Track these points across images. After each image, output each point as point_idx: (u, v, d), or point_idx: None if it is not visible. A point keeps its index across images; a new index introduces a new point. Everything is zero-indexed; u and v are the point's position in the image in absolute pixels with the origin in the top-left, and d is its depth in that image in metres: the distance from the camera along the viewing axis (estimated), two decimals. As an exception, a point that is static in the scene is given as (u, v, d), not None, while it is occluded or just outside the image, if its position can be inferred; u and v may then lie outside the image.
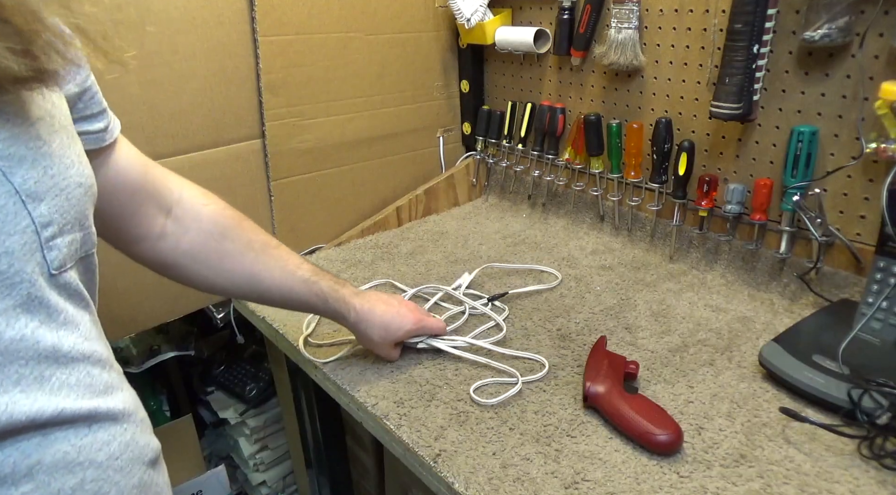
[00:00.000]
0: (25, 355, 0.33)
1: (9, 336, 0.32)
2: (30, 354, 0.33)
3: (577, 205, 1.17)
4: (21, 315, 0.33)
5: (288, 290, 0.68)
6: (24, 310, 0.33)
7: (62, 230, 0.36)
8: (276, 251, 0.68)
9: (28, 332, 0.33)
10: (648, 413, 0.64)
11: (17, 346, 0.32)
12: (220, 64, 0.95)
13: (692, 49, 0.94)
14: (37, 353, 0.33)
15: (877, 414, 0.61)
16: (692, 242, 1.00)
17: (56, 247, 0.36)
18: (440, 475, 0.62)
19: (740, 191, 0.91)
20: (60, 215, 0.36)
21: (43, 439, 0.33)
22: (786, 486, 0.57)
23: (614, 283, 0.97)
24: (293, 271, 0.68)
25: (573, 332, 0.84)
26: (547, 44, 1.15)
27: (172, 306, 1.01)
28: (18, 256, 0.32)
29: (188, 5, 0.89)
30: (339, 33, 1.08)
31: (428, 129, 1.30)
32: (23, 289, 0.33)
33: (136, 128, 0.90)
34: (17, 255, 0.32)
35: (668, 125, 0.97)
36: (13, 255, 0.32)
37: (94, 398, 0.37)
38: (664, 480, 0.59)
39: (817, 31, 0.77)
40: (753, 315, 0.86)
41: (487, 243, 1.14)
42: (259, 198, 1.06)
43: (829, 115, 0.82)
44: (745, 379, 0.73)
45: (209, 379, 1.30)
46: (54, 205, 0.35)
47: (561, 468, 0.61)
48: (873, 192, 0.80)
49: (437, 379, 0.75)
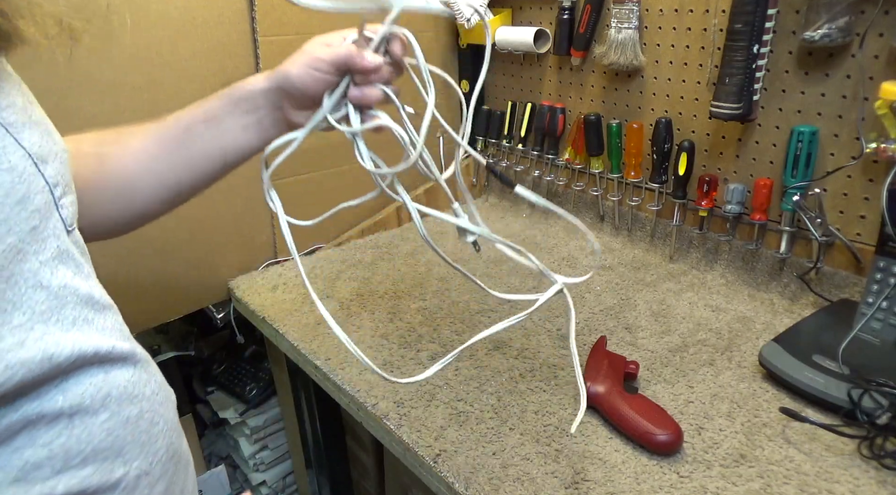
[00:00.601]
0: (73, 300, 0.36)
1: (56, 283, 0.35)
2: (75, 300, 0.36)
3: (577, 205, 1.17)
4: (59, 265, 0.35)
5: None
6: (60, 262, 0.36)
7: (66, 191, 0.39)
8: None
9: (68, 281, 0.36)
10: (648, 413, 0.64)
11: (64, 292, 0.35)
12: (220, 64, 0.95)
13: (692, 49, 0.94)
14: (80, 299, 0.36)
15: (877, 414, 0.61)
16: (692, 242, 1.00)
17: (65, 206, 0.38)
18: (440, 475, 0.62)
19: (740, 191, 0.91)
20: (62, 176, 0.39)
21: (106, 375, 0.37)
22: (786, 486, 0.57)
23: (614, 283, 0.97)
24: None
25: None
26: (547, 44, 1.15)
27: (172, 306, 1.01)
28: (45, 214, 0.35)
29: (188, 5, 0.89)
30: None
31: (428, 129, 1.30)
32: (53, 243, 0.35)
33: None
34: (43, 213, 0.35)
35: (668, 125, 0.97)
36: (41, 213, 0.35)
37: (128, 341, 0.40)
38: (664, 480, 0.59)
39: (817, 31, 0.77)
40: (753, 315, 0.86)
41: (487, 243, 1.14)
42: (259, 199, 1.06)
43: (829, 115, 0.82)
44: (745, 380, 0.73)
45: (209, 379, 1.30)
46: (55, 167, 0.38)
47: (561, 468, 0.61)
48: (873, 192, 0.80)
49: (437, 379, 0.75)
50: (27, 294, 0.32)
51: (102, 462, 0.35)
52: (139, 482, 0.38)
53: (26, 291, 0.32)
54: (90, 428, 0.35)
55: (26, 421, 0.32)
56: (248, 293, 1.00)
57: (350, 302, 0.95)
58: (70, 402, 0.34)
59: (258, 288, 1.01)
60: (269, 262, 1.09)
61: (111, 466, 0.36)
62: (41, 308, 0.33)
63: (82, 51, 0.81)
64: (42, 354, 0.32)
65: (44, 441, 0.33)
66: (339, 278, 1.02)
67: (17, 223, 0.32)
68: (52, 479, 0.33)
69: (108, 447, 0.36)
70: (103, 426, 0.36)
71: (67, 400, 0.34)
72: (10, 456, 0.31)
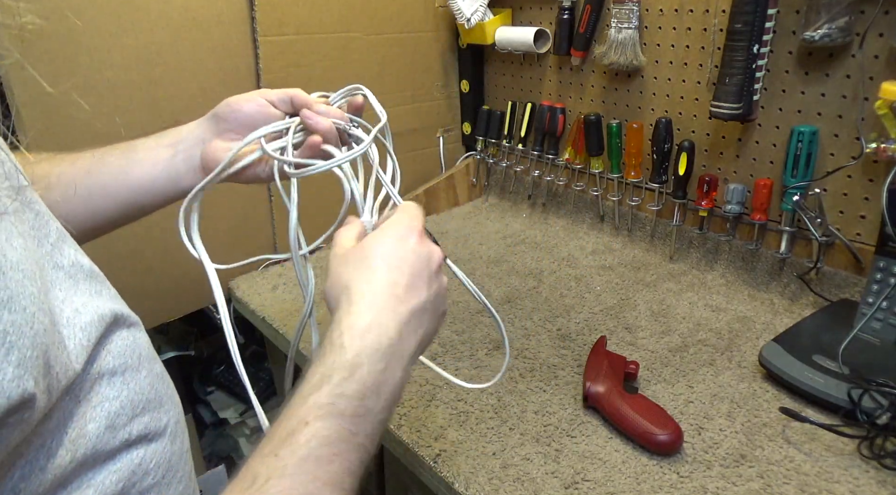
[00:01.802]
0: (82, 275, 0.38)
1: (66, 262, 0.37)
2: (83, 274, 0.38)
3: (577, 205, 1.17)
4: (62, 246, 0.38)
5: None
6: (63, 242, 0.38)
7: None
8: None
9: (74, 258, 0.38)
10: (648, 413, 0.64)
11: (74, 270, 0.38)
12: (220, 64, 0.95)
13: (692, 49, 0.94)
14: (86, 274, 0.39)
15: (877, 414, 0.61)
16: (692, 242, 1.00)
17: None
18: (440, 475, 0.62)
19: (740, 191, 0.91)
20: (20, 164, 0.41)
21: (133, 337, 0.40)
22: (786, 486, 0.57)
23: (614, 283, 0.97)
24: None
25: (573, 332, 0.84)
26: (547, 44, 1.15)
27: (172, 306, 1.01)
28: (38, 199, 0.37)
29: (188, 5, 0.89)
30: (339, 33, 1.08)
31: (428, 129, 1.30)
32: (52, 224, 0.37)
33: (137, 128, 0.90)
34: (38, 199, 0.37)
35: (668, 125, 0.97)
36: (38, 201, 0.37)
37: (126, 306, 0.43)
38: (664, 480, 0.59)
39: (817, 31, 0.77)
40: (753, 315, 0.86)
41: (487, 243, 1.14)
42: (259, 198, 1.06)
43: (829, 115, 0.82)
44: (745, 380, 0.73)
45: (209, 379, 1.30)
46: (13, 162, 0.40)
47: (561, 468, 0.61)
48: (873, 192, 0.80)
49: (437, 379, 0.75)
50: (52, 273, 0.35)
51: (153, 411, 0.40)
52: (177, 427, 0.43)
53: (50, 271, 0.35)
54: (139, 382, 0.39)
55: (93, 381, 0.36)
56: (248, 293, 1.00)
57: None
58: (117, 362, 0.38)
59: (258, 288, 1.01)
60: (269, 262, 1.09)
61: (158, 415, 0.40)
62: (65, 285, 0.36)
63: (82, 50, 0.81)
64: (94, 314, 0.36)
65: (114, 395, 0.37)
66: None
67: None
68: (128, 426, 0.37)
69: (153, 398, 0.40)
70: (145, 380, 0.40)
71: (115, 360, 0.38)
72: (97, 410, 0.36)
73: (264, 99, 0.57)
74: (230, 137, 0.57)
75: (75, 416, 0.34)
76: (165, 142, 0.59)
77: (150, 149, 0.58)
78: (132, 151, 0.58)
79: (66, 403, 0.34)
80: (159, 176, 0.58)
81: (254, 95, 0.57)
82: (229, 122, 0.57)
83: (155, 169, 0.58)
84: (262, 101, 0.57)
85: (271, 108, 0.57)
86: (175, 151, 0.58)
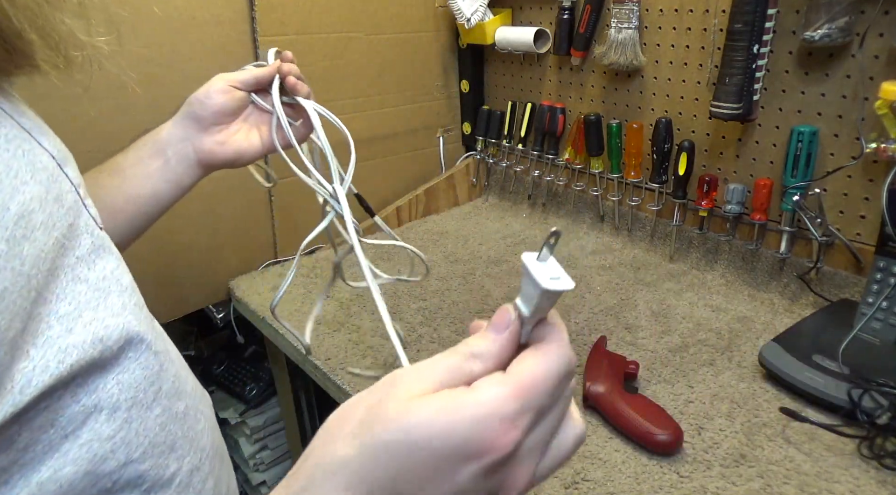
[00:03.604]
0: (116, 289, 0.36)
1: (94, 276, 0.34)
2: (119, 289, 0.36)
3: (577, 205, 1.17)
4: (96, 260, 0.35)
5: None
6: (97, 256, 0.36)
7: (87, 192, 0.39)
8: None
9: (108, 272, 0.36)
10: (648, 413, 0.64)
11: (105, 284, 0.35)
12: (220, 64, 0.94)
13: (692, 49, 0.94)
14: (123, 288, 0.36)
15: (877, 414, 0.61)
16: (692, 242, 1.00)
17: (91, 206, 0.38)
18: (440, 475, 0.62)
19: (740, 191, 0.91)
20: (80, 179, 0.39)
21: (159, 367, 0.37)
22: (786, 486, 0.57)
23: (614, 283, 0.97)
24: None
25: (573, 332, 0.84)
26: (547, 44, 1.15)
27: (172, 306, 1.01)
28: (76, 212, 0.35)
29: (188, 5, 0.89)
30: (339, 33, 1.08)
31: (428, 129, 1.30)
32: (87, 239, 0.35)
33: (137, 129, 0.90)
34: (75, 211, 0.35)
35: (668, 125, 0.97)
36: (73, 211, 0.35)
37: (165, 338, 0.41)
38: (664, 480, 0.59)
39: (817, 31, 0.77)
40: (753, 315, 0.86)
41: (487, 243, 1.14)
42: (259, 199, 1.06)
43: (829, 115, 0.82)
44: (745, 380, 0.73)
45: (209, 379, 1.29)
46: (73, 169, 0.38)
47: (561, 468, 0.61)
48: (873, 192, 0.80)
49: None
50: (69, 286, 0.33)
51: (158, 457, 0.36)
52: (192, 477, 0.39)
53: (67, 284, 0.33)
54: (146, 422, 0.36)
55: (87, 414, 0.32)
56: (248, 293, 1.00)
57: (350, 302, 0.95)
58: (126, 395, 0.34)
59: (258, 288, 1.01)
60: (269, 262, 1.09)
61: (166, 461, 0.37)
62: (85, 298, 0.33)
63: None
64: (92, 337, 0.33)
65: (109, 433, 0.33)
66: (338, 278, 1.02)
67: (59, 219, 0.33)
68: (116, 472, 0.34)
69: (162, 442, 0.36)
70: (157, 420, 0.36)
71: (123, 392, 0.34)
72: (80, 451, 0.32)
73: (226, 85, 0.62)
74: (214, 130, 0.62)
75: (56, 454, 0.31)
76: (148, 153, 0.61)
77: (136, 165, 0.60)
78: (120, 171, 0.60)
79: (47, 436, 0.31)
80: (158, 184, 0.60)
81: (215, 85, 0.62)
82: (207, 118, 0.61)
83: (150, 181, 0.60)
84: (225, 88, 0.62)
85: (236, 92, 0.62)
86: (165, 159, 0.61)
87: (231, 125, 0.63)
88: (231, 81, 0.62)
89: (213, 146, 0.62)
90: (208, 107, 0.61)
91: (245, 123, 0.65)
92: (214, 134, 0.62)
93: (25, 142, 0.33)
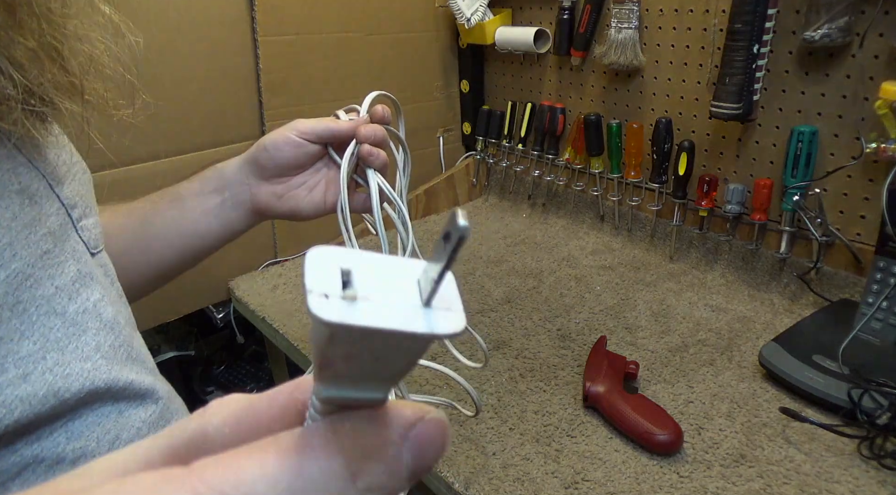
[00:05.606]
0: (95, 325, 0.33)
1: (73, 309, 0.32)
2: (98, 325, 0.33)
3: (577, 205, 1.17)
4: (80, 289, 0.33)
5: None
6: (82, 285, 0.33)
7: (85, 212, 0.37)
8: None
9: (90, 306, 0.34)
10: (648, 413, 0.64)
11: (84, 318, 0.33)
12: (220, 64, 0.95)
13: (692, 49, 0.94)
14: (103, 324, 0.34)
15: (877, 414, 0.61)
16: (692, 242, 1.00)
17: (87, 229, 0.37)
18: (440, 475, 0.62)
19: (740, 191, 0.91)
20: (80, 197, 0.37)
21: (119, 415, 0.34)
22: (786, 486, 0.57)
23: (614, 283, 0.97)
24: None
25: (573, 332, 0.84)
26: (547, 44, 1.15)
27: (172, 306, 1.01)
28: (60, 236, 0.33)
29: (188, 5, 0.89)
30: (339, 33, 1.08)
31: (428, 129, 1.30)
32: (72, 267, 0.33)
33: (137, 128, 0.90)
34: (58, 235, 0.33)
35: (668, 125, 0.97)
36: (55, 235, 0.32)
37: (150, 375, 0.38)
38: (664, 480, 0.59)
39: (817, 31, 0.77)
40: (753, 315, 0.86)
41: (487, 243, 1.14)
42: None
43: (829, 115, 0.82)
44: (745, 380, 0.73)
45: (209, 379, 1.30)
46: (73, 187, 0.37)
47: (561, 468, 0.61)
48: (873, 192, 0.80)
49: (437, 379, 0.75)
50: (39, 321, 0.30)
51: None
52: None
53: (38, 318, 0.30)
54: None
55: (23, 466, 0.29)
56: (248, 293, 1.00)
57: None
58: (74, 446, 0.31)
59: (258, 288, 1.01)
60: (269, 262, 1.09)
61: None
62: (56, 335, 0.31)
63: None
64: (47, 389, 0.29)
65: None
66: (339, 278, 1.02)
67: (24, 247, 0.30)
68: None
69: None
70: None
71: (71, 442, 0.31)
72: None
73: (299, 138, 0.56)
74: (275, 182, 0.58)
75: None
76: (210, 188, 0.58)
77: (197, 197, 0.58)
78: (180, 200, 0.58)
79: None
80: (212, 222, 0.58)
81: (287, 136, 0.56)
82: (270, 169, 0.57)
83: (206, 217, 0.58)
84: (298, 141, 0.56)
85: (308, 145, 0.57)
86: (223, 199, 0.58)
87: (294, 178, 0.59)
88: (305, 133, 0.57)
89: (270, 198, 0.58)
90: (275, 158, 0.56)
91: (311, 177, 0.59)
92: (275, 185, 0.58)
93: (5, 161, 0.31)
